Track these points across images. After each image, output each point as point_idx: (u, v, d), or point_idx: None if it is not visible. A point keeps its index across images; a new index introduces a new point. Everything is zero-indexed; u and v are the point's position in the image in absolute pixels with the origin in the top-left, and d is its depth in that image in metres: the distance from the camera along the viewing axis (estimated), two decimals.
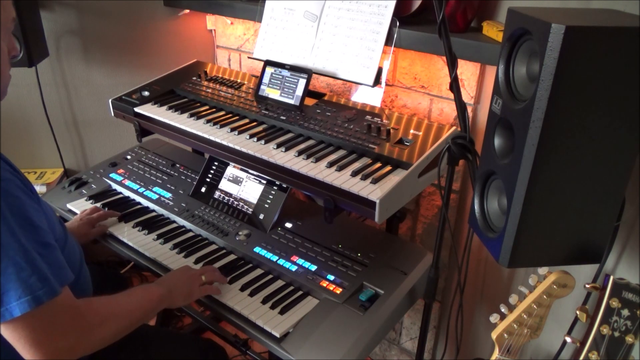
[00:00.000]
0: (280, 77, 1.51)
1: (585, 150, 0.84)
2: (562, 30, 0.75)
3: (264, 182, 1.50)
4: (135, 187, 1.67)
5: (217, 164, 1.61)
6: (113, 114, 1.67)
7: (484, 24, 1.37)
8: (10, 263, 0.85)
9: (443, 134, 1.29)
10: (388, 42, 1.38)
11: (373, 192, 1.12)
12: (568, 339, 0.95)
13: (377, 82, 1.39)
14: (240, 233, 1.43)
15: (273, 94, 1.52)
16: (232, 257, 1.39)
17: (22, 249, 0.86)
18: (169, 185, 1.67)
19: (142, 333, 1.13)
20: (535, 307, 0.97)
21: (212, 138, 1.38)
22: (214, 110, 1.54)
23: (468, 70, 1.42)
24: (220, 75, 1.75)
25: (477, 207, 1.03)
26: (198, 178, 1.62)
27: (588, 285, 0.92)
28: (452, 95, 1.08)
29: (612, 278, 0.89)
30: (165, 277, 1.22)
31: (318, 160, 1.26)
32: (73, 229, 1.42)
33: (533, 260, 0.93)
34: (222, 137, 1.38)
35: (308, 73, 1.46)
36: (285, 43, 1.57)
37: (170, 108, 1.55)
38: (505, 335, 1.01)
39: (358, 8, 1.43)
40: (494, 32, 1.31)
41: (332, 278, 1.26)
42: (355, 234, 1.43)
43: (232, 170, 1.57)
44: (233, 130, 1.40)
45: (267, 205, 1.47)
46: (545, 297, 0.96)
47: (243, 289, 1.26)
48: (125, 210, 1.57)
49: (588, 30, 0.76)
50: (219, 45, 2.10)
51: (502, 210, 0.97)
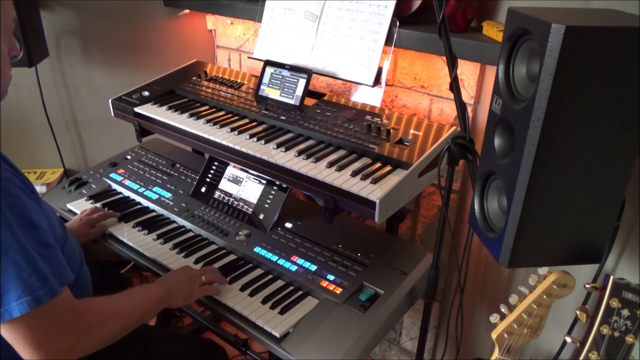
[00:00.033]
0: (280, 77, 1.51)
1: (585, 150, 0.84)
2: (562, 30, 0.75)
3: (264, 182, 1.50)
4: (135, 187, 1.67)
5: (217, 164, 1.61)
6: (113, 114, 1.67)
7: (484, 24, 1.37)
8: (10, 263, 0.85)
9: (443, 134, 1.29)
10: (388, 42, 1.38)
11: (373, 192, 1.12)
12: (568, 339, 0.95)
13: (377, 82, 1.40)
14: (240, 233, 1.43)
15: (273, 94, 1.52)
16: (232, 257, 1.39)
17: (22, 249, 0.86)
18: (169, 185, 1.67)
19: (142, 333, 1.13)
20: (535, 307, 0.97)
21: (212, 138, 1.38)
22: (214, 110, 1.54)
23: (468, 70, 1.42)
24: (220, 75, 1.75)
25: (477, 207, 1.03)
26: (198, 178, 1.62)
27: (588, 285, 0.92)
28: (452, 95, 1.08)
29: (612, 278, 0.89)
30: (165, 277, 1.22)
31: (318, 160, 1.26)
32: (73, 229, 1.42)
33: (533, 260, 0.93)
34: (222, 137, 1.38)
35: (308, 73, 1.46)
36: (285, 43, 1.57)
37: (170, 108, 1.55)
38: (505, 335, 1.01)
39: (358, 8, 1.43)
40: (494, 32, 1.31)
41: (332, 278, 1.26)
42: (355, 234, 1.43)
43: (232, 170, 1.57)
44: (233, 130, 1.40)
45: (267, 205, 1.47)
46: (545, 297, 0.96)
47: (243, 289, 1.26)
48: (125, 210, 1.57)
49: (588, 30, 0.76)
50: (219, 45, 2.10)
51: (502, 210, 0.97)
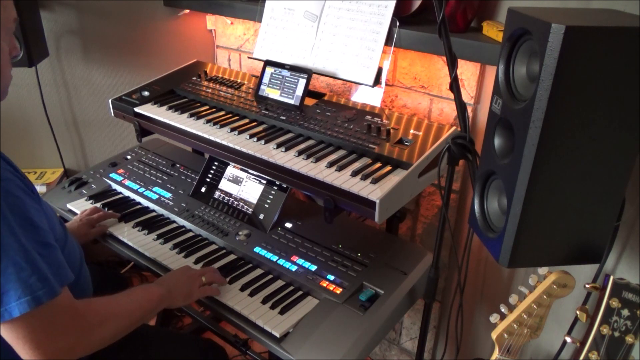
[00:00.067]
0: (280, 77, 1.51)
1: (585, 150, 0.84)
2: (562, 30, 0.75)
3: (264, 182, 1.50)
4: (135, 187, 1.67)
5: (217, 164, 1.61)
6: (113, 114, 1.67)
7: (484, 24, 1.37)
8: (10, 263, 0.85)
9: (443, 134, 1.29)
10: (388, 42, 1.38)
11: (373, 192, 1.12)
12: (568, 339, 0.95)
13: (377, 82, 1.40)
14: (240, 233, 1.43)
15: (273, 94, 1.52)
16: (232, 257, 1.39)
17: (22, 249, 0.86)
18: (169, 185, 1.67)
19: (142, 333, 1.13)
20: (535, 307, 0.97)
21: (212, 138, 1.38)
22: (214, 110, 1.54)
23: (468, 70, 1.42)
24: (220, 75, 1.75)
25: (477, 207, 1.03)
26: (198, 178, 1.62)
27: (588, 285, 0.92)
28: (452, 95, 1.08)
29: (612, 278, 0.89)
30: (165, 277, 1.22)
31: (318, 160, 1.26)
32: (73, 229, 1.42)
33: (533, 260, 0.93)
34: (222, 137, 1.38)
35: (308, 73, 1.46)
36: (285, 43, 1.57)
37: (170, 108, 1.55)
38: (505, 335, 1.01)
39: (358, 8, 1.43)
40: (494, 32, 1.31)
41: (332, 278, 1.26)
42: (355, 234, 1.43)
43: (232, 170, 1.57)
44: (233, 130, 1.40)
45: (267, 205, 1.47)
46: (545, 297, 0.96)
47: (243, 289, 1.26)
48: (125, 210, 1.57)
49: (588, 30, 0.76)
50: (219, 45, 2.10)
51: (502, 210, 0.97)
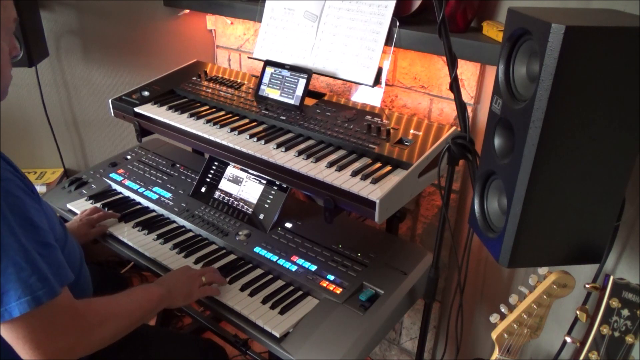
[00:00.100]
0: (280, 77, 1.51)
1: (585, 150, 0.84)
2: (562, 30, 0.75)
3: (264, 182, 1.50)
4: (135, 187, 1.67)
5: (217, 164, 1.61)
6: (113, 114, 1.67)
7: (484, 24, 1.37)
8: (10, 263, 0.85)
9: (443, 134, 1.29)
10: (388, 42, 1.38)
11: (373, 192, 1.12)
12: (568, 339, 0.95)
13: (377, 82, 1.39)
14: (240, 233, 1.43)
15: (273, 94, 1.52)
16: (232, 257, 1.39)
17: (22, 249, 0.86)
18: (169, 185, 1.67)
19: (142, 333, 1.13)
20: (535, 307, 0.97)
21: (212, 138, 1.38)
22: (214, 110, 1.54)
23: (468, 70, 1.42)
24: (220, 75, 1.75)
25: (477, 207, 1.03)
26: (198, 178, 1.62)
27: (588, 285, 0.92)
28: (452, 95, 1.08)
29: (612, 278, 0.89)
30: (165, 277, 1.22)
31: (318, 160, 1.26)
32: (73, 229, 1.42)
33: (533, 260, 0.93)
34: (222, 137, 1.38)
35: (308, 73, 1.46)
36: (285, 43, 1.57)
37: (170, 108, 1.55)
38: (505, 335, 1.00)
39: (358, 8, 1.43)
40: (494, 32, 1.31)
41: (332, 278, 1.26)
42: (355, 234, 1.43)
43: (232, 170, 1.57)
44: (233, 130, 1.40)
45: (267, 205, 1.47)
46: (545, 297, 0.96)
47: (243, 289, 1.26)
48: (125, 210, 1.57)
49: (588, 30, 0.76)
50: (219, 45, 2.10)
51: (502, 210, 0.97)
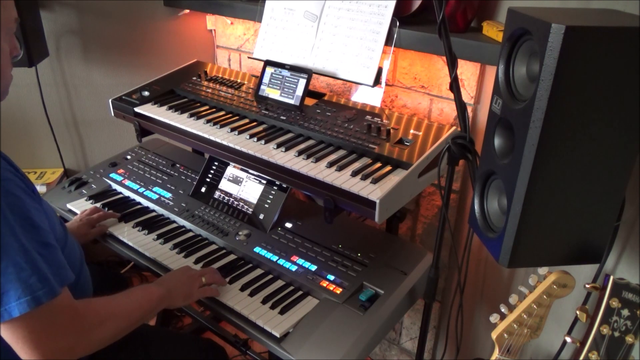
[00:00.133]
0: (280, 77, 1.51)
1: (585, 150, 0.84)
2: (562, 30, 0.75)
3: (264, 182, 1.50)
4: (135, 187, 1.67)
5: (217, 164, 1.61)
6: (113, 114, 1.67)
7: (484, 24, 1.37)
8: (11, 263, 0.85)
9: (443, 134, 1.29)
10: (388, 42, 1.38)
11: (373, 192, 1.12)
12: (568, 339, 0.95)
13: (377, 82, 1.39)
14: (240, 233, 1.43)
15: (273, 94, 1.52)
16: (232, 257, 1.39)
17: (22, 249, 0.86)
18: (169, 185, 1.67)
19: (142, 333, 1.13)
20: (535, 307, 0.97)
21: (212, 138, 1.38)
22: (214, 110, 1.54)
23: (468, 70, 1.42)
24: (220, 75, 1.75)
25: (477, 207, 1.03)
26: (198, 178, 1.62)
27: (588, 285, 0.92)
28: (452, 95, 1.08)
29: (612, 278, 0.89)
30: (165, 277, 1.22)
31: (318, 160, 1.26)
32: (73, 229, 1.42)
33: (533, 260, 0.93)
34: (222, 137, 1.38)
35: (308, 73, 1.46)
36: (285, 43, 1.57)
37: (170, 108, 1.55)
38: (505, 335, 1.00)
39: (358, 8, 1.43)
40: (494, 32, 1.31)
41: (332, 278, 1.26)
42: (355, 234, 1.43)
43: (232, 170, 1.57)
44: (233, 130, 1.40)
45: (267, 205, 1.47)
46: (545, 297, 0.96)
47: (243, 289, 1.26)
48: (125, 210, 1.57)
49: (588, 30, 0.76)
50: (219, 45, 2.10)
51: (502, 210, 0.97)
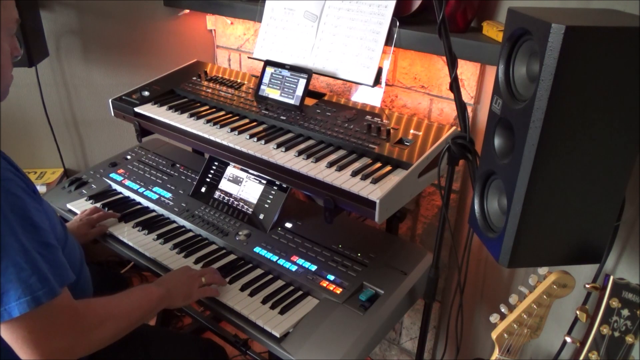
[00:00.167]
0: (280, 77, 1.51)
1: (585, 150, 0.84)
2: (562, 30, 0.75)
3: (264, 182, 1.50)
4: (135, 187, 1.67)
5: (217, 164, 1.61)
6: (113, 114, 1.67)
7: (484, 24, 1.37)
8: (11, 263, 0.85)
9: (443, 134, 1.29)
10: (388, 42, 1.38)
11: (373, 192, 1.12)
12: (568, 339, 0.95)
13: (377, 82, 1.39)
14: (240, 233, 1.43)
15: (273, 94, 1.52)
16: (232, 257, 1.39)
17: (22, 249, 0.86)
18: (169, 185, 1.67)
19: (142, 333, 1.13)
20: (535, 307, 0.97)
21: (212, 138, 1.38)
22: (214, 110, 1.54)
23: (468, 70, 1.42)
24: (220, 75, 1.75)
25: (477, 207, 1.03)
26: (198, 178, 1.62)
27: (588, 285, 0.92)
28: (452, 95, 1.08)
29: (612, 278, 0.89)
30: (165, 277, 1.22)
31: (318, 160, 1.26)
32: (73, 229, 1.42)
33: (533, 260, 0.93)
34: (222, 137, 1.38)
35: (308, 73, 1.46)
36: (285, 43, 1.57)
37: (170, 108, 1.55)
38: (505, 335, 1.00)
39: (358, 8, 1.43)
40: (494, 32, 1.31)
41: (332, 278, 1.26)
42: (355, 234, 1.43)
43: (232, 170, 1.57)
44: (233, 130, 1.40)
45: (267, 205, 1.47)
46: (545, 297, 0.96)
47: (243, 289, 1.26)
48: (125, 210, 1.57)
49: (588, 30, 0.76)
50: (219, 45, 2.10)
51: (502, 210, 0.97)
